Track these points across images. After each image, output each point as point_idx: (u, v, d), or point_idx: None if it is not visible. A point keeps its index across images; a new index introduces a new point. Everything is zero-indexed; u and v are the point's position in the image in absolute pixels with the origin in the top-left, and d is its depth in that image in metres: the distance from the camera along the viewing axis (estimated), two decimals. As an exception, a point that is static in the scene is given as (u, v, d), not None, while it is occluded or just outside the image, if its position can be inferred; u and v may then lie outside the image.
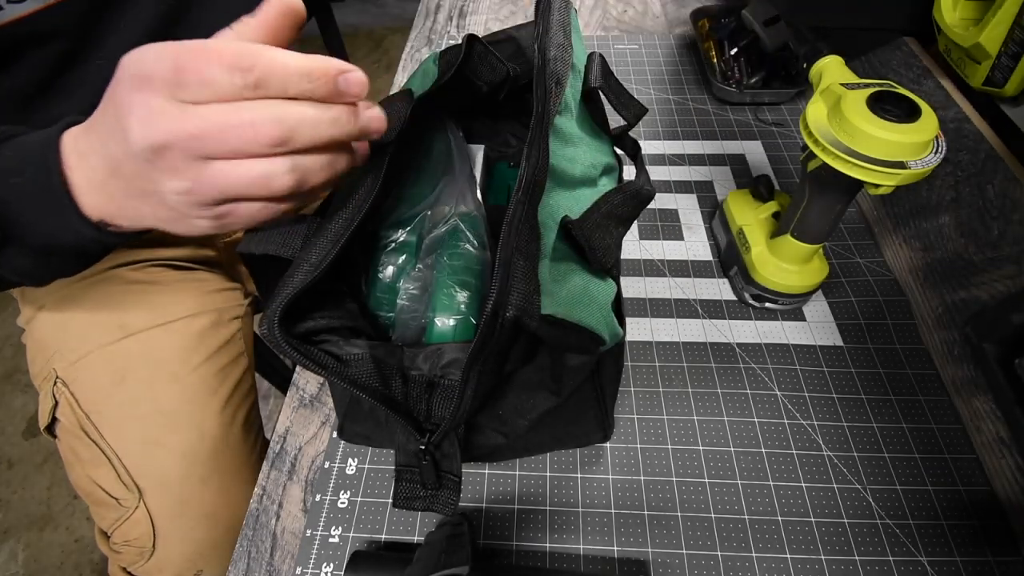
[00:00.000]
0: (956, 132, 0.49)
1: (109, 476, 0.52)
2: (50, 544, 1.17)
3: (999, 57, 0.43)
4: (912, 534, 0.39)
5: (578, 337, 0.29)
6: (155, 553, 0.52)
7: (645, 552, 0.39)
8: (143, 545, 0.52)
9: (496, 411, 0.33)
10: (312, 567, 0.39)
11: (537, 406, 0.33)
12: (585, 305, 0.29)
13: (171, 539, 0.52)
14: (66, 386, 0.54)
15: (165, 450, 0.53)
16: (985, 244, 0.44)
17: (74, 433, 0.53)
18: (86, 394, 0.54)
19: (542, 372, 0.32)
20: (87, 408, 0.53)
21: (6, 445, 1.32)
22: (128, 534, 0.52)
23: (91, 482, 0.53)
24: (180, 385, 0.56)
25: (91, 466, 0.53)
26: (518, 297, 0.25)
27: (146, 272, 0.60)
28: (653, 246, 0.57)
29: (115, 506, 0.52)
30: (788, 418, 0.45)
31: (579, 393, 0.36)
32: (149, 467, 0.53)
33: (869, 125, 0.36)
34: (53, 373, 0.55)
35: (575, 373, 0.32)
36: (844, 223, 0.58)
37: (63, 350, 0.55)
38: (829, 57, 0.45)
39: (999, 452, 0.40)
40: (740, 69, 0.72)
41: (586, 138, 0.37)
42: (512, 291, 0.25)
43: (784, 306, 0.50)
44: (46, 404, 0.54)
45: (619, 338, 0.33)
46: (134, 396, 0.54)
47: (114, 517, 0.52)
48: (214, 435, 0.56)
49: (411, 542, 0.40)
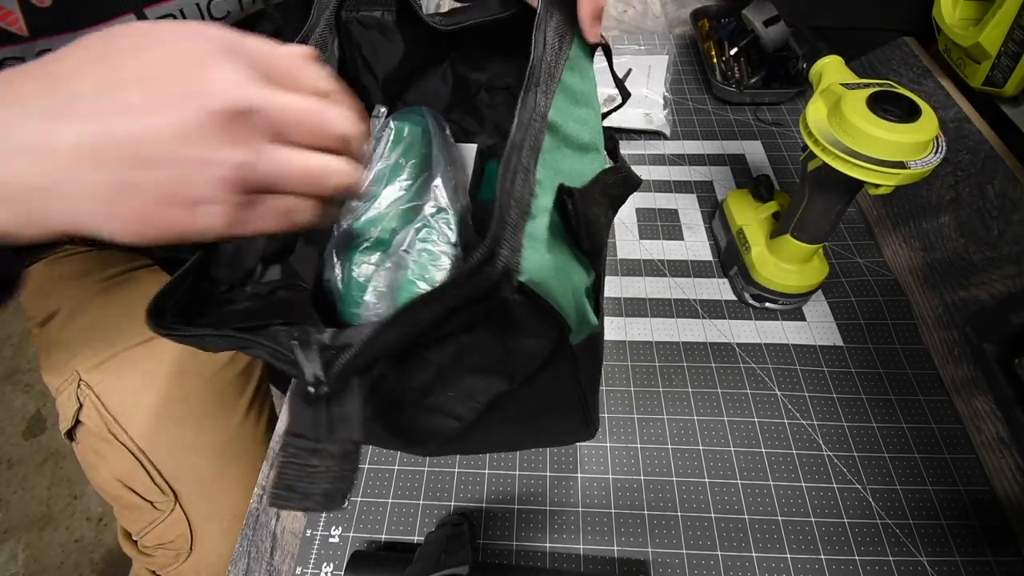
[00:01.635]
0: (956, 132, 0.49)
1: (141, 479, 0.52)
2: (50, 544, 1.16)
3: (999, 57, 0.43)
4: (912, 534, 0.39)
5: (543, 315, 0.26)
6: (192, 555, 0.52)
7: (645, 552, 0.39)
8: (179, 547, 0.52)
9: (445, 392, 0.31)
10: (312, 567, 0.39)
11: (488, 389, 0.31)
12: (561, 282, 0.27)
13: (207, 540, 0.52)
14: (91, 388, 0.54)
15: (198, 451, 0.54)
16: (985, 244, 0.44)
17: (100, 436, 0.53)
18: (113, 396, 0.54)
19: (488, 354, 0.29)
20: (114, 410, 0.53)
21: (6, 445, 1.31)
22: (163, 537, 0.52)
23: (120, 485, 0.52)
24: (208, 386, 0.56)
25: (120, 469, 0.52)
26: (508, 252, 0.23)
27: (164, 274, 0.60)
28: (653, 246, 0.57)
29: (149, 509, 0.52)
30: (788, 418, 0.45)
31: (555, 386, 0.34)
32: (183, 469, 0.53)
33: (869, 125, 0.36)
34: (76, 375, 0.54)
35: (528, 358, 0.29)
36: (844, 223, 0.58)
37: (85, 352, 0.55)
38: (829, 57, 0.45)
39: (999, 452, 0.40)
40: (740, 69, 0.72)
41: (594, 103, 0.35)
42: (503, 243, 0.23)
43: (784, 306, 0.50)
44: (69, 407, 0.54)
45: (593, 328, 0.32)
46: (164, 398, 0.54)
47: (147, 520, 0.52)
48: (243, 435, 0.56)
49: (411, 542, 0.40)
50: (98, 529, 1.18)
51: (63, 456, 1.28)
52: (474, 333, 0.27)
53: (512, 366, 0.30)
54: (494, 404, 0.32)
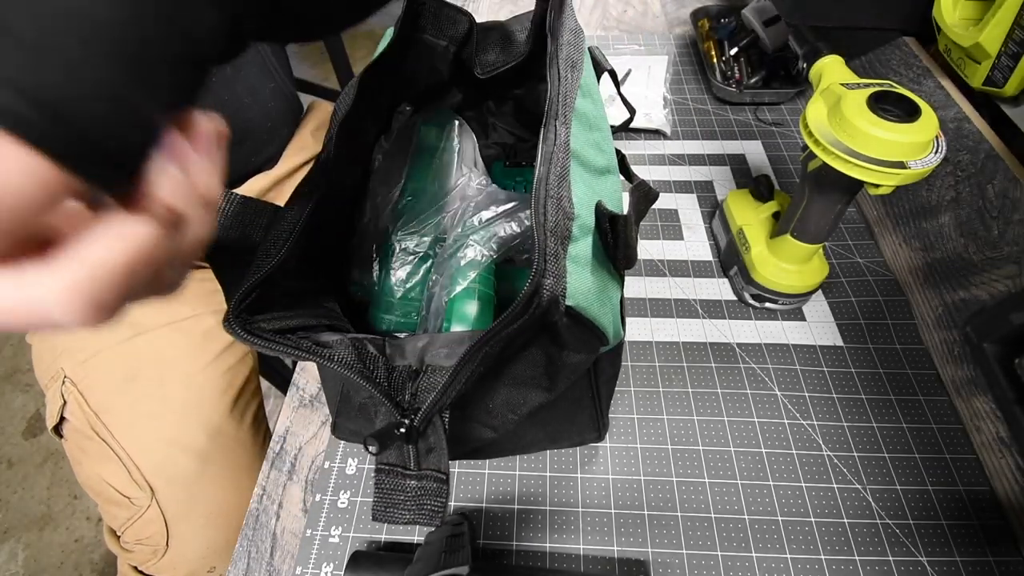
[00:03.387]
0: (956, 132, 0.49)
1: (120, 475, 0.52)
2: (50, 544, 1.16)
3: (999, 57, 0.43)
4: (912, 534, 0.39)
5: (588, 334, 0.28)
6: (168, 551, 0.52)
7: (645, 552, 0.39)
8: (156, 543, 0.52)
9: (486, 404, 0.33)
10: (312, 567, 0.39)
11: (528, 401, 0.32)
12: (602, 303, 0.28)
13: (184, 537, 0.52)
14: (75, 385, 0.54)
15: (177, 449, 0.54)
16: (985, 244, 0.44)
17: (83, 432, 0.53)
18: (96, 393, 0.54)
19: (535, 367, 0.31)
20: (97, 407, 0.53)
21: (6, 445, 1.31)
22: (140, 533, 0.52)
23: (101, 481, 0.53)
24: (190, 384, 0.56)
25: (101, 465, 0.53)
26: (552, 281, 0.24)
27: None
28: (653, 246, 0.57)
29: (127, 505, 0.52)
30: (788, 418, 0.45)
31: (574, 392, 0.36)
32: (161, 466, 0.53)
33: (869, 125, 0.35)
34: (61, 372, 0.55)
35: (571, 371, 0.31)
36: (844, 223, 0.58)
37: (71, 349, 0.55)
38: (829, 57, 0.45)
39: (999, 452, 0.40)
40: (740, 69, 0.72)
41: (603, 125, 0.37)
42: (547, 274, 0.24)
43: (784, 306, 0.50)
44: (54, 404, 0.54)
45: (619, 339, 0.33)
46: (145, 395, 0.54)
47: (126, 516, 0.52)
48: (225, 434, 0.56)
49: (411, 542, 0.40)
50: (98, 529, 1.18)
51: (63, 456, 1.28)
52: (527, 351, 0.30)
53: (554, 379, 0.32)
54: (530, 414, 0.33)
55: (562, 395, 0.34)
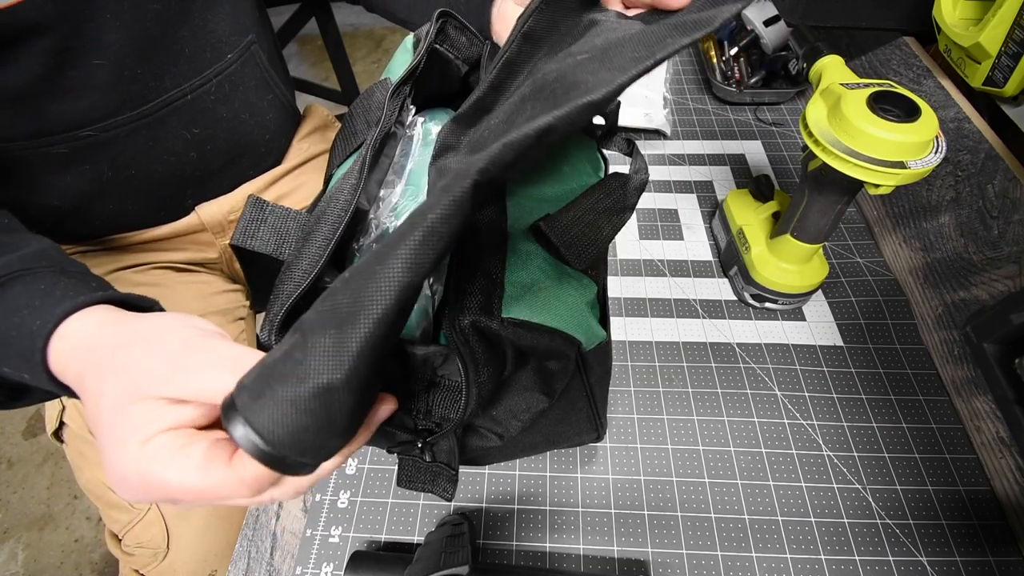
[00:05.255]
0: (956, 132, 0.49)
1: None
2: (50, 544, 1.16)
3: (999, 57, 0.43)
4: (912, 534, 0.39)
5: (549, 339, 0.29)
6: (169, 554, 0.52)
7: (645, 552, 0.39)
8: (157, 547, 0.52)
9: (491, 412, 0.33)
10: (312, 567, 0.39)
11: (531, 407, 0.33)
12: (552, 308, 0.29)
13: (184, 540, 0.52)
14: None
15: None
16: (985, 244, 0.44)
17: (82, 436, 0.53)
18: None
19: (533, 374, 0.32)
20: None
21: (6, 445, 1.31)
22: (141, 536, 0.52)
23: (102, 485, 0.53)
24: None
25: (101, 469, 0.52)
26: (474, 302, 0.27)
27: (150, 274, 0.59)
28: (653, 246, 0.57)
29: (127, 508, 0.52)
30: (788, 418, 0.45)
31: (569, 393, 0.36)
32: None
33: (869, 125, 0.35)
34: None
35: (559, 375, 0.32)
36: (844, 223, 0.58)
37: None
38: (829, 57, 0.45)
39: (999, 452, 0.40)
40: (740, 69, 0.72)
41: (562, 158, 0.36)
42: (467, 296, 0.27)
43: (784, 306, 0.50)
44: (54, 408, 0.54)
45: (601, 339, 0.33)
46: None
47: (126, 520, 0.52)
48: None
49: (411, 542, 0.40)
50: (98, 529, 1.18)
51: (63, 456, 1.27)
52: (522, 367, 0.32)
53: (548, 383, 0.32)
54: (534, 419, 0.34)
55: (561, 398, 0.34)
